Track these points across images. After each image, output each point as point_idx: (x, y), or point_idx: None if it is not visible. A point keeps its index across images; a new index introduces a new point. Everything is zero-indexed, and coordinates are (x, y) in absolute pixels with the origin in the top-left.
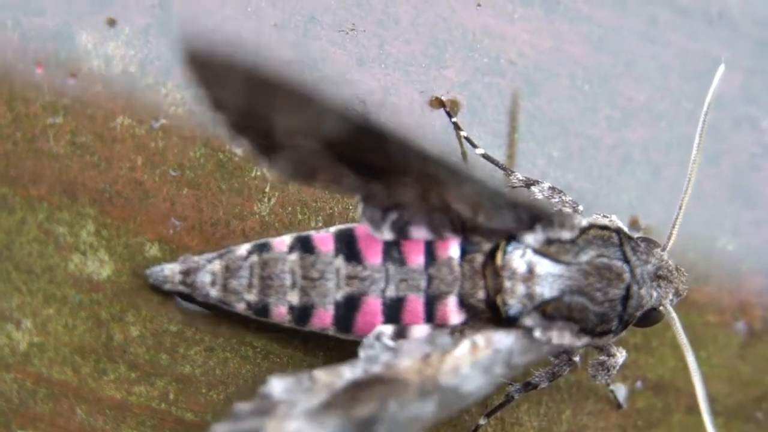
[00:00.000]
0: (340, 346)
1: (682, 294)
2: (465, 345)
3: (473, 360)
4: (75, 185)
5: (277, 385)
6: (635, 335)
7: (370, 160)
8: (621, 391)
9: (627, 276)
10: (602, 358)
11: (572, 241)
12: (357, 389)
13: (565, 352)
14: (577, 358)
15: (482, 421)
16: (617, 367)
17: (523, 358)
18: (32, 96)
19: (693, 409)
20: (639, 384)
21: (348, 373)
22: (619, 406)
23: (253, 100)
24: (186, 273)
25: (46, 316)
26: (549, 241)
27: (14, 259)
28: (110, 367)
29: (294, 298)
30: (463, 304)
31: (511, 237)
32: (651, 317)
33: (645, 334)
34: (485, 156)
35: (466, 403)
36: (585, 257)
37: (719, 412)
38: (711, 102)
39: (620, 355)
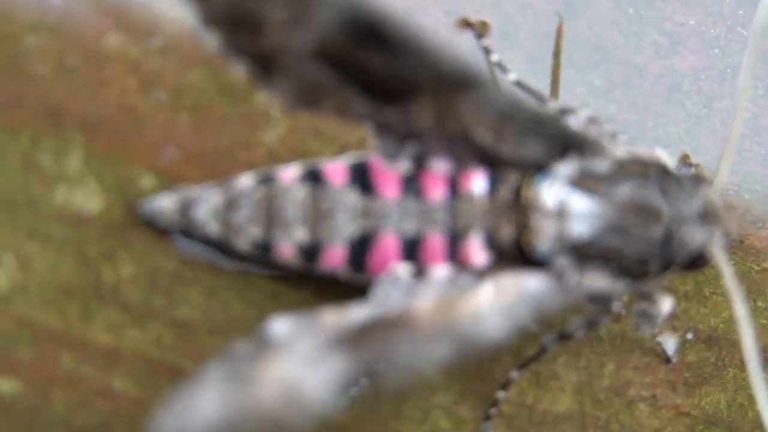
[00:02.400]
0: (351, 290)
1: (733, 236)
2: (488, 286)
3: (497, 303)
4: (61, 110)
5: (278, 325)
6: (685, 282)
7: (377, 78)
8: (670, 343)
9: (668, 214)
10: (645, 305)
11: (608, 175)
12: (365, 330)
13: (603, 299)
14: (617, 306)
15: (515, 374)
16: (662, 317)
17: (554, 302)
18: (14, 13)
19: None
20: (690, 336)
21: (357, 311)
22: (667, 359)
23: (240, 5)
24: (183, 206)
25: (29, 252)
26: (583, 174)
27: None
28: (99, 310)
29: (301, 234)
30: (488, 242)
31: (541, 168)
32: (697, 260)
33: (696, 282)
34: (518, 83)
35: (487, 349)
36: (621, 192)
37: None
38: (763, 23)
39: (666, 304)
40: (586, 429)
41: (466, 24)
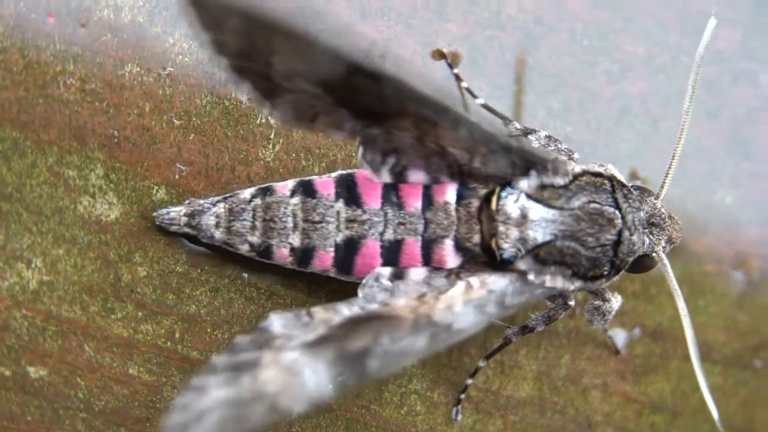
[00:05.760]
0: (342, 288)
1: (676, 242)
2: (460, 286)
3: (467, 299)
4: (84, 130)
5: (276, 321)
6: (634, 283)
7: (367, 103)
8: (620, 337)
9: (619, 222)
10: (597, 302)
11: (565, 187)
12: (352, 325)
13: (560, 296)
14: (572, 302)
15: (482, 364)
16: (613, 313)
17: (517, 299)
18: (44, 44)
19: (690, 356)
20: (637, 331)
21: (345, 310)
22: (617, 352)
23: (251, 41)
24: (191, 215)
25: (55, 256)
26: (542, 187)
27: (25, 201)
28: (118, 306)
29: (295, 240)
30: (459, 247)
31: (506, 183)
32: (644, 263)
33: (643, 282)
34: (485, 106)
35: (459, 340)
36: (577, 203)
37: (717, 360)
38: (703, 54)
39: (615, 301)
40: (545, 413)
41: (439, 54)
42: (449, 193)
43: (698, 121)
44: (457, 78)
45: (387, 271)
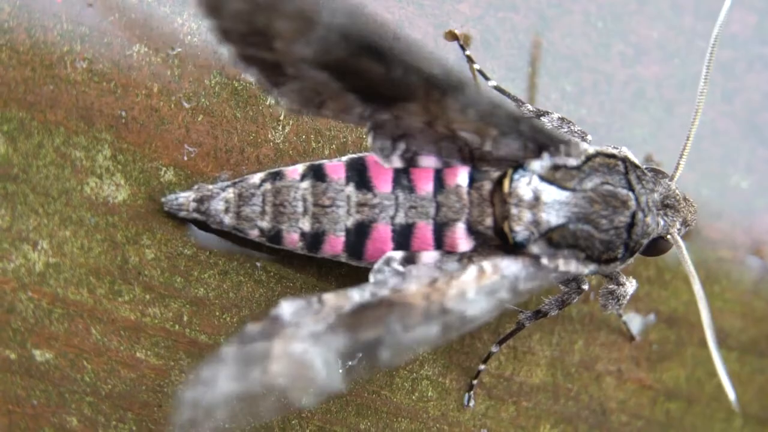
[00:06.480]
0: (352, 272)
1: (691, 224)
2: (472, 270)
3: (479, 285)
4: (92, 111)
5: (287, 308)
6: (648, 268)
7: (374, 87)
8: (634, 322)
9: (632, 203)
10: (611, 287)
11: (578, 168)
12: (363, 312)
13: (574, 280)
14: (585, 286)
15: (494, 349)
16: (627, 297)
17: (530, 284)
18: (50, 24)
19: (706, 342)
20: (652, 317)
21: (356, 296)
22: (632, 338)
23: (253, 25)
24: (200, 201)
25: (62, 237)
26: (555, 168)
27: (31, 182)
28: (125, 289)
29: (306, 224)
30: (472, 231)
31: (519, 165)
32: (658, 246)
33: (658, 268)
34: (497, 88)
35: (471, 327)
36: (590, 184)
37: (733, 347)
38: (718, 35)
39: (630, 285)
40: (559, 399)
41: (452, 36)
42: (461, 176)
43: (713, 104)
44: (470, 60)
45: (398, 254)
